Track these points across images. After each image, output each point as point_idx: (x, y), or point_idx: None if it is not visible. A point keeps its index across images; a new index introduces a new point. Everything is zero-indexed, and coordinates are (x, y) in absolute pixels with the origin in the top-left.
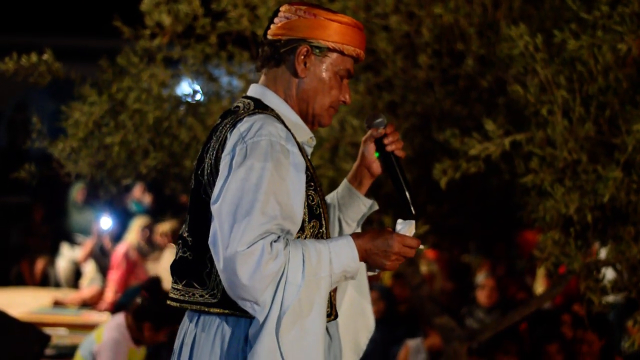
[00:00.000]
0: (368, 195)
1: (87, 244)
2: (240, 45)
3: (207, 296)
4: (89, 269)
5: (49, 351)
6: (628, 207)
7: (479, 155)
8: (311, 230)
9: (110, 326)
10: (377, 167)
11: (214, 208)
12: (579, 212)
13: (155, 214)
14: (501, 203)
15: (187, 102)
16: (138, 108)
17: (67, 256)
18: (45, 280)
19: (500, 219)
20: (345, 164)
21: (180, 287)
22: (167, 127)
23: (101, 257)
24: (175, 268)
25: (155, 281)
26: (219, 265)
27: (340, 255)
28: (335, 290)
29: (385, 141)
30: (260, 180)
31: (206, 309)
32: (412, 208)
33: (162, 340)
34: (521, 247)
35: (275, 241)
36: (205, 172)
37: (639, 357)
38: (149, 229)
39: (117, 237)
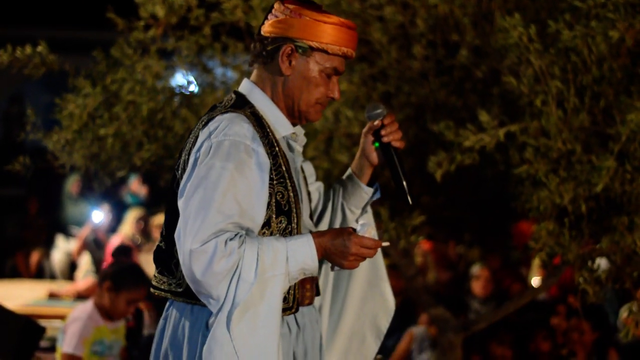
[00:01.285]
0: (371, 183)
1: (80, 236)
2: (235, 37)
3: (174, 285)
4: (84, 261)
5: (44, 343)
6: (622, 197)
7: (474, 147)
8: (278, 226)
9: (76, 309)
10: (374, 157)
11: (179, 203)
12: (573, 203)
13: (151, 206)
14: (496, 194)
15: (182, 93)
16: (132, 100)
17: (62, 248)
18: (41, 273)
19: (495, 209)
20: (340, 155)
21: (156, 274)
22: (161, 118)
23: (96, 250)
24: (154, 256)
25: (121, 248)
26: (180, 259)
27: (298, 253)
28: (307, 282)
29: (383, 132)
30: (218, 179)
31: (174, 297)
32: (409, 198)
33: (128, 313)
34: (516, 238)
35: (231, 239)
36: (180, 167)
37: (634, 349)
38: (144, 220)
39: (112, 228)
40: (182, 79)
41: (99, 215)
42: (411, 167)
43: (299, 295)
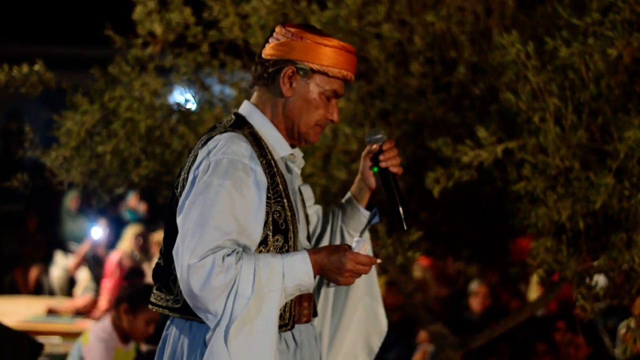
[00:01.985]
0: (370, 207)
1: (78, 253)
2: (232, 54)
3: (172, 301)
4: (83, 277)
5: None
6: (620, 214)
7: (472, 163)
8: (275, 245)
9: (96, 327)
10: (372, 181)
11: (177, 220)
12: (571, 219)
13: (150, 222)
14: (494, 210)
15: (179, 110)
16: (130, 117)
17: (61, 264)
18: (39, 289)
19: (493, 226)
20: (337, 172)
21: (155, 290)
22: (159, 135)
23: (94, 266)
24: (153, 273)
25: (134, 270)
26: (178, 274)
27: (294, 270)
28: (304, 300)
29: (381, 157)
30: (216, 196)
31: (173, 314)
32: (404, 224)
33: (147, 333)
34: (514, 254)
35: (228, 255)
36: (179, 185)
37: None
38: (143, 237)
39: (111, 245)
40: (180, 96)
41: (98, 232)
42: (409, 184)
43: (295, 312)
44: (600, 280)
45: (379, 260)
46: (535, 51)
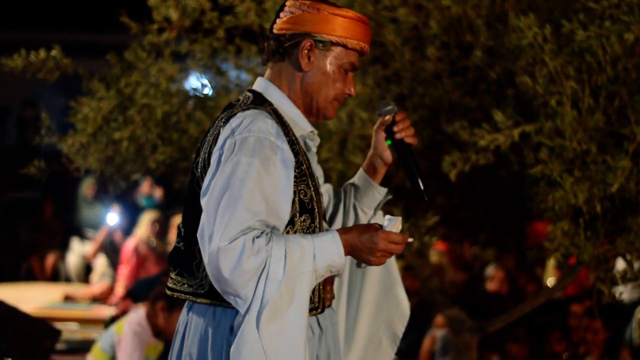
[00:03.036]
0: (384, 183)
1: (96, 239)
2: (248, 39)
3: (195, 286)
4: (100, 263)
5: (60, 346)
6: (637, 197)
7: (488, 147)
8: (302, 225)
9: (131, 319)
10: (388, 155)
11: (202, 201)
12: (588, 203)
13: (166, 208)
14: (511, 194)
15: (196, 96)
16: (146, 103)
17: (77, 251)
18: (56, 276)
19: (510, 210)
20: (354, 157)
21: (173, 276)
22: (176, 121)
23: (111, 252)
24: (170, 257)
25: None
26: (205, 258)
27: (324, 250)
28: (328, 283)
29: (395, 128)
30: (245, 175)
31: (195, 299)
32: (424, 195)
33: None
34: (531, 238)
35: (258, 237)
36: (199, 166)
37: None
38: (159, 223)
39: (127, 231)
40: (196, 82)
41: (114, 218)
42: (426, 168)
43: (324, 296)
44: (617, 263)
45: (410, 239)
46: (551, 34)
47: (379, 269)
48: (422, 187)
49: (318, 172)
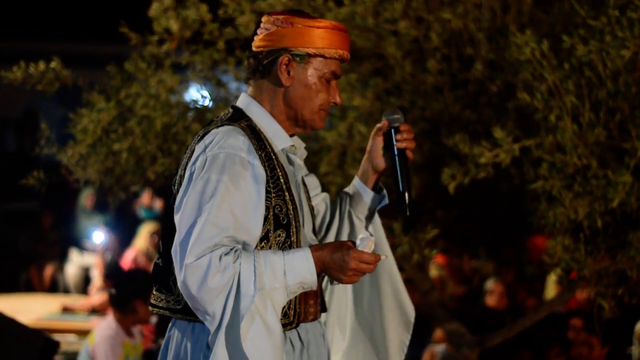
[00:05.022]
0: (378, 189)
1: (98, 257)
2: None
3: (173, 302)
4: (98, 275)
5: (58, 357)
6: (638, 212)
7: (488, 163)
8: (277, 240)
9: (100, 326)
10: (381, 162)
11: (175, 218)
12: (588, 218)
13: None
14: (511, 208)
15: (195, 108)
16: (146, 114)
17: (76, 262)
18: (54, 286)
19: (510, 224)
20: (353, 170)
21: (154, 292)
22: (175, 133)
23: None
24: (151, 273)
25: (118, 270)
26: (176, 274)
27: (295, 267)
28: (310, 298)
29: (398, 137)
30: (213, 192)
31: (172, 315)
32: (407, 209)
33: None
34: (530, 253)
35: (226, 254)
36: (177, 182)
37: None
38: (158, 234)
39: (126, 243)
40: (196, 94)
41: (100, 236)
42: (425, 182)
43: (301, 310)
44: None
45: (384, 257)
46: (551, 49)
47: (386, 282)
48: (407, 201)
49: (312, 182)
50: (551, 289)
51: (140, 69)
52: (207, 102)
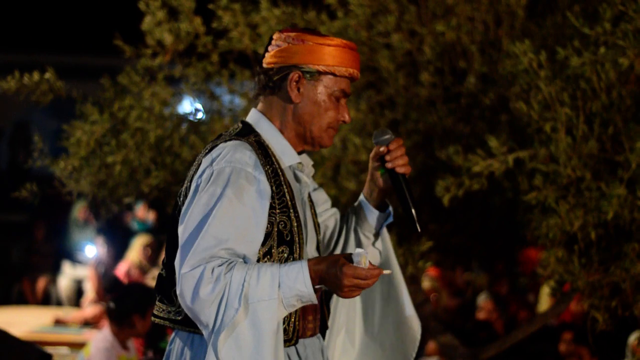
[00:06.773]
0: (384, 207)
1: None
2: (242, 64)
3: (173, 313)
4: (91, 287)
5: None
6: (632, 224)
7: (482, 172)
8: (280, 256)
9: (97, 338)
10: (381, 182)
11: (179, 229)
12: (582, 230)
13: (159, 232)
14: (504, 220)
15: (189, 120)
16: (140, 127)
17: (68, 274)
18: (47, 299)
19: (503, 236)
20: (347, 182)
21: (157, 302)
22: (169, 145)
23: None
24: (155, 284)
25: (115, 283)
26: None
27: (290, 279)
28: (308, 313)
29: (387, 157)
30: (216, 204)
31: (174, 326)
32: (417, 225)
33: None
34: (523, 265)
35: (219, 265)
36: (182, 194)
37: None
38: (151, 247)
39: (119, 255)
40: (190, 106)
41: (92, 250)
42: (419, 194)
43: (300, 327)
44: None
45: (386, 272)
46: (546, 60)
47: (391, 294)
48: (415, 217)
49: (321, 197)
50: (545, 302)
51: (134, 81)
52: (201, 115)
